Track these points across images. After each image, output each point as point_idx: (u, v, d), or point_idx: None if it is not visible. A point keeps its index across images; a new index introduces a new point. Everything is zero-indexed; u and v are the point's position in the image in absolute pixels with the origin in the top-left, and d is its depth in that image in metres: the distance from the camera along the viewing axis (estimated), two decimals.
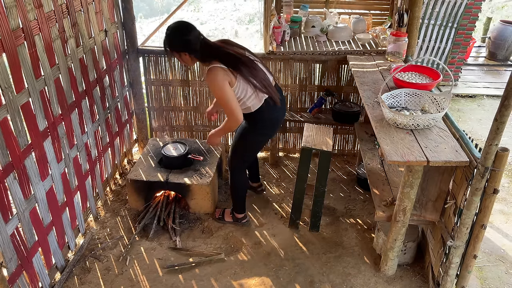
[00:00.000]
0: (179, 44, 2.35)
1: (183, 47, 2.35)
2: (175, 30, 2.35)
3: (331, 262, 2.70)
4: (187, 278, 2.58)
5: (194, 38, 2.33)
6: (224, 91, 2.29)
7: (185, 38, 2.32)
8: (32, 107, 2.17)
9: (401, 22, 3.16)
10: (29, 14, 2.08)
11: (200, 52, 2.36)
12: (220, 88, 2.29)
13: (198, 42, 2.34)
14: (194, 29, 2.35)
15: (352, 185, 3.50)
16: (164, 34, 2.42)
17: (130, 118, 3.63)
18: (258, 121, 2.54)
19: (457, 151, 2.09)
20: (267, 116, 2.53)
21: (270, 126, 2.60)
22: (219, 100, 2.35)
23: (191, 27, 2.35)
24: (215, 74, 2.29)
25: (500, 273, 2.66)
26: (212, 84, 2.31)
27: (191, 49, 2.34)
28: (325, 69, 3.56)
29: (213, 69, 2.30)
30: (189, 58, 2.40)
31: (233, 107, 2.33)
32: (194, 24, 2.40)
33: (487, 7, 10.41)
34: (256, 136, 2.64)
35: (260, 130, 2.59)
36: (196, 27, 2.38)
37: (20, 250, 2.15)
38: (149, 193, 3.08)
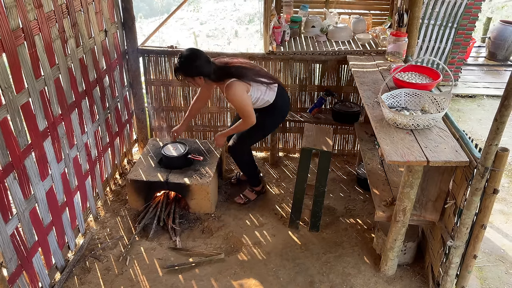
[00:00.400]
0: (195, 70, 2.61)
1: (199, 73, 2.61)
2: (190, 58, 2.60)
3: (331, 262, 2.70)
4: (187, 278, 2.58)
5: (206, 63, 2.62)
6: (245, 102, 2.64)
7: (200, 64, 2.60)
8: (32, 107, 2.17)
9: (401, 22, 3.16)
10: (29, 14, 2.08)
11: (213, 74, 2.64)
12: (241, 100, 2.63)
13: (210, 66, 2.62)
14: (204, 55, 2.64)
15: (352, 185, 3.50)
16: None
17: (130, 118, 3.63)
18: (276, 107, 2.88)
19: (457, 151, 2.09)
20: (281, 101, 2.90)
21: (285, 109, 2.99)
22: (240, 108, 2.67)
23: (202, 53, 2.64)
24: (235, 89, 2.60)
25: (500, 273, 2.67)
26: (233, 97, 2.62)
27: (205, 73, 2.62)
28: (325, 69, 3.56)
29: (232, 85, 2.61)
30: (202, 81, 2.67)
31: (250, 112, 2.68)
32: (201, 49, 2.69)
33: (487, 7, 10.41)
34: (275, 120, 3.00)
35: (279, 114, 2.96)
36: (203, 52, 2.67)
37: (20, 250, 2.15)
38: (149, 193, 3.08)
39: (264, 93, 2.78)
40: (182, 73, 2.63)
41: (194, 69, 2.60)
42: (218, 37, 11.52)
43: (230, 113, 3.77)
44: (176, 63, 2.64)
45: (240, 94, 2.61)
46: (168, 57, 3.53)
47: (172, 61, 3.55)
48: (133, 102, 3.65)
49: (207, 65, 2.61)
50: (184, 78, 2.65)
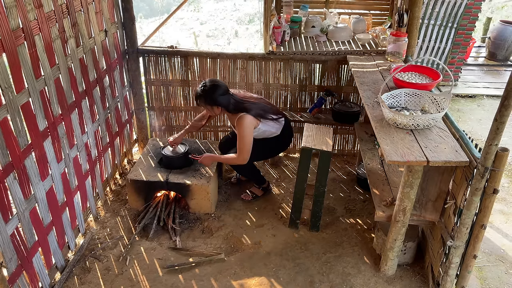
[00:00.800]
0: (215, 100, 2.77)
1: (218, 103, 2.78)
2: (212, 88, 2.76)
3: (331, 262, 2.70)
4: (187, 278, 2.58)
5: (226, 95, 2.79)
6: (249, 136, 2.80)
7: (220, 95, 2.77)
8: (32, 107, 2.17)
9: (401, 22, 3.16)
10: (29, 14, 2.08)
11: (230, 106, 2.81)
12: (247, 133, 2.79)
13: (228, 98, 2.80)
14: (225, 87, 2.81)
15: (352, 185, 3.50)
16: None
17: (130, 118, 3.63)
18: (281, 138, 3.07)
19: (457, 151, 2.09)
20: (286, 133, 3.11)
21: (288, 140, 3.18)
22: (241, 141, 2.80)
23: (223, 85, 2.82)
24: (245, 122, 2.79)
25: (500, 273, 2.67)
26: (242, 128, 2.78)
27: (224, 104, 2.79)
28: (325, 69, 3.56)
29: (244, 117, 2.79)
30: (219, 110, 2.84)
31: (248, 149, 2.82)
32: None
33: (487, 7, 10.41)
34: (278, 148, 3.19)
35: (283, 143, 3.15)
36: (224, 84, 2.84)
37: (20, 250, 2.15)
38: (149, 193, 3.08)
39: (271, 126, 2.97)
40: (203, 101, 2.79)
41: (214, 99, 2.77)
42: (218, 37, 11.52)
43: None
44: (198, 91, 2.79)
45: (248, 130, 2.80)
46: (168, 57, 3.53)
47: (172, 61, 3.55)
48: (133, 102, 3.65)
49: (226, 97, 2.79)
50: (204, 106, 2.83)
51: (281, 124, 3.03)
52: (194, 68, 3.57)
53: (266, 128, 2.94)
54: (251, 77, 3.61)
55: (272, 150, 3.18)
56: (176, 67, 3.57)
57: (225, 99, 2.78)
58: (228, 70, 3.58)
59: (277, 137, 3.04)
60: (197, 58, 3.53)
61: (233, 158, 2.91)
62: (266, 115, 2.90)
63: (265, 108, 2.93)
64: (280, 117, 3.01)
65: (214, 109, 2.83)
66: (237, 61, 3.55)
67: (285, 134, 3.09)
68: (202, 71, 3.58)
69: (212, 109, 2.84)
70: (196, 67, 3.57)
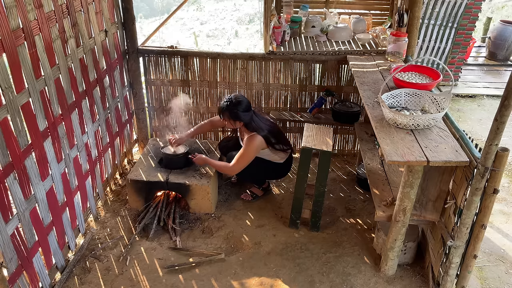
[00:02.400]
0: (240, 117, 2.88)
1: (242, 119, 2.89)
2: (239, 104, 2.86)
3: (331, 262, 2.70)
4: (187, 278, 2.58)
5: (250, 113, 2.91)
6: (252, 155, 2.91)
7: (246, 112, 2.88)
8: (32, 107, 2.17)
9: (401, 22, 3.16)
10: (29, 14, 2.08)
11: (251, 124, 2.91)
12: (251, 153, 2.90)
13: (250, 115, 2.91)
14: (248, 103, 2.92)
15: (352, 185, 3.50)
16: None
17: (130, 118, 3.63)
18: (282, 167, 3.15)
19: (457, 151, 2.09)
20: (288, 164, 3.19)
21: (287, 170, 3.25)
22: (243, 156, 2.90)
23: (248, 102, 2.93)
24: (256, 142, 2.89)
25: (500, 273, 2.67)
26: (249, 146, 2.88)
27: (246, 121, 2.90)
28: (325, 69, 3.56)
29: (255, 137, 2.89)
30: (239, 125, 2.94)
31: (242, 166, 2.91)
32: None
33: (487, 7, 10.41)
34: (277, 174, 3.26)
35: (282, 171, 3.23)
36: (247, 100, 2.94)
37: (20, 250, 2.15)
38: (149, 193, 3.08)
39: (278, 155, 3.07)
40: (227, 115, 2.89)
41: (238, 115, 2.87)
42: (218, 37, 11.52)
43: None
44: (224, 105, 2.88)
45: (254, 150, 2.90)
46: (168, 57, 3.53)
47: (172, 61, 3.55)
48: (133, 102, 3.66)
49: (249, 113, 2.90)
50: (227, 119, 2.92)
51: (287, 154, 3.12)
52: (194, 68, 3.57)
53: (273, 155, 3.04)
54: (251, 77, 3.61)
55: (268, 173, 3.22)
56: (176, 67, 3.57)
57: (248, 116, 2.90)
58: (228, 70, 3.58)
59: (279, 165, 3.12)
60: (197, 58, 3.54)
61: (224, 166, 3.00)
62: (277, 145, 3.00)
63: (279, 136, 3.05)
64: (288, 149, 3.11)
65: (236, 123, 2.94)
66: (237, 61, 3.55)
67: (286, 165, 3.17)
68: (202, 71, 3.58)
69: (234, 123, 2.95)
70: (196, 67, 3.57)
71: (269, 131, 2.96)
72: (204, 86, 3.62)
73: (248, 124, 2.92)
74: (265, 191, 3.34)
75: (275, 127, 3.10)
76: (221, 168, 3.04)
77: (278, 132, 3.07)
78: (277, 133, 3.05)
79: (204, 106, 3.73)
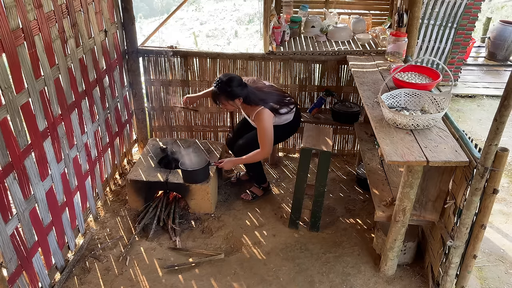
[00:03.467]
0: (236, 93, 2.76)
1: (239, 95, 2.77)
2: (231, 81, 2.75)
3: (331, 262, 2.70)
4: (187, 278, 2.58)
5: (243, 86, 2.79)
6: (270, 129, 2.81)
7: (240, 87, 2.77)
8: (32, 107, 2.17)
9: (401, 22, 3.16)
10: (29, 14, 2.08)
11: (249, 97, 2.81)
12: (268, 127, 2.80)
13: (246, 88, 2.80)
14: (239, 78, 2.81)
15: (352, 185, 3.50)
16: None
17: (130, 118, 3.63)
18: (292, 124, 3.08)
19: (457, 151, 2.09)
20: (296, 118, 3.11)
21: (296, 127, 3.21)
22: (263, 134, 2.81)
23: (239, 77, 2.83)
24: (265, 116, 2.80)
25: (500, 273, 2.67)
26: (262, 122, 2.79)
27: (243, 95, 2.78)
28: (325, 69, 3.56)
29: (263, 112, 2.80)
30: (239, 103, 2.83)
31: (270, 142, 2.82)
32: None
33: (486, 7, 10.41)
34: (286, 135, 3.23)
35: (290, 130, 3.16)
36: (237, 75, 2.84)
37: (20, 250, 2.15)
38: (149, 193, 3.08)
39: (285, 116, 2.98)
40: (223, 97, 2.79)
41: (234, 92, 2.76)
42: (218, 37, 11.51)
43: (230, 113, 3.77)
44: (215, 89, 2.78)
45: (268, 123, 2.81)
46: (168, 57, 3.53)
47: (172, 61, 3.55)
48: (133, 102, 3.65)
49: (244, 87, 2.79)
50: (225, 101, 2.81)
51: (294, 111, 3.05)
52: (194, 68, 3.57)
53: (281, 119, 2.96)
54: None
55: (284, 134, 3.17)
56: (176, 67, 3.57)
57: (244, 90, 2.79)
58: (228, 70, 3.58)
59: (289, 123, 3.06)
60: (197, 58, 3.53)
61: (257, 153, 2.87)
62: (281, 109, 2.91)
63: (279, 100, 2.94)
64: (293, 107, 3.01)
65: (235, 103, 2.82)
66: (237, 61, 3.55)
67: (296, 119, 3.11)
68: (202, 71, 3.58)
69: (233, 103, 2.83)
70: (196, 67, 3.57)
71: (271, 99, 2.88)
72: (204, 86, 3.62)
73: (247, 99, 2.82)
74: (265, 191, 3.33)
75: (275, 92, 3.00)
76: (254, 158, 2.90)
77: (279, 96, 2.97)
78: (278, 97, 2.95)
79: (204, 106, 3.72)
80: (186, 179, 3.00)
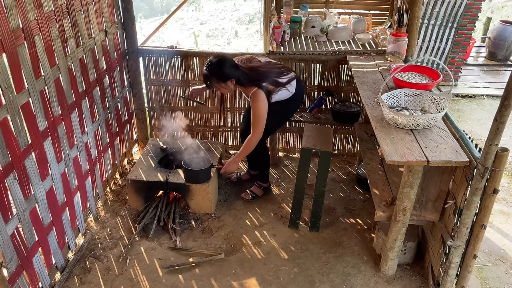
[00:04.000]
0: (227, 74, 2.67)
1: (231, 76, 2.68)
2: (220, 63, 2.66)
3: (331, 262, 2.70)
4: (187, 278, 2.58)
5: (235, 67, 2.70)
6: (263, 113, 2.73)
7: (230, 67, 2.68)
8: (32, 107, 2.17)
9: (401, 22, 3.16)
10: (29, 14, 2.08)
11: (242, 77, 2.71)
12: (261, 110, 2.72)
13: (238, 69, 2.71)
14: (231, 59, 2.73)
15: (352, 185, 3.50)
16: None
17: (130, 118, 3.63)
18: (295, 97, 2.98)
19: (457, 151, 2.09)
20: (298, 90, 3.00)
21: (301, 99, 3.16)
22: (255, 117, 2.74)
23: (229, 58, 2.73)
24: (260, 96, 2.72)
25: (500, 273, 2.67)
26: (257, 104, 2.72)
27: (236, 76, 2.69)
28: (325, 69, 3.56)
29: (257, 92, 2.72)
30: (232, 85, 2.73)
31: (262, 125, 2.75)
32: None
33: (487, 7, 10.41)
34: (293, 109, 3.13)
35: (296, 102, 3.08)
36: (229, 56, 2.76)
37: (20, 250, 2.15)
38: (149, 193, 3.08)
39: (285, 89, 2.88)
40: (214, 79, 2.68)
41: (225, 73, 2.66)
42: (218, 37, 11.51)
43: (230, 113, 3.78)
44: (206, 71, 2.67)
45: (263, 105, 2.72)
46: (168, 57, 3.53)
47: (172, 61, 3.55)
48: (133, 102, 3.66)
49: (236, 68, 2.70)
50: (217, 84, 2.71)
51: (294, 85, 2.93)
52: (194, 68, 3.57)
53: (280, 95, 2.86)
54: None
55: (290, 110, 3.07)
56: (176, 67, 3.57)
57: (235, 71, 2.68)
58: None
59: (292, 96, 2.95)
60: (197, 58, 3.53)
61: (249, 140, 2.79)
62: (278, 87, 2.80)
63: (276, 76, 2.83)
64: (291, 80, 2.89)
65: (228, 85, 2.71)
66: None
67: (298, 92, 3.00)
68: (201, 71, 3.57)
69: (226, 86, 2.72)
70: (196, 67, 3.57)
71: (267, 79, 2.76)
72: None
73: (241, 80, 2.71)
74: (265, 191, 3.33)
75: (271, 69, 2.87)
76: (248, 145, 2.81)
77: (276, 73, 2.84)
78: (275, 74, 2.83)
79: (204, 106, 3.73)
80: (188, 179, 3.00)
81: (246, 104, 3.70)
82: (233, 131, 3.88)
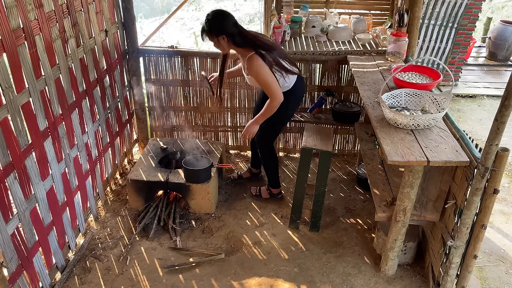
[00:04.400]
0: (218, 28, 2.54)
1: (222, 30, 2.54)
2: (218, 16, 2.55)
3: (332, 262, 2.70)
4: (187, 278, 2.58)
5: (232, 23, 2.55)
6: (269, 75, 2.58)
7: (225, 22, 2.54)
8: (33, 107, 2.17)
9: (401, 22, 3.16)
10: (30, 14, 2.08)
11: (238, 37, 2.56)
12: (264, 72, 2.57)
13: (236, 28, 2.56)
14: (232, 17, 2.58)
15: (352, 185, 3.50)
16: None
17: (130, 118, 3.63)
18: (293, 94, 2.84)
19: (457, 151, 2.09)
20: (299, 90, 2.90)
21: (300, 98, 3.04)
22: (264, 83, 2.60)
23: (230, 15, 2.58)
24: (258, 60, 2.56)
25: (500, 273, 2.67)
26: (256, 69, 2.56)
27: (228, 32, 2.54)
28: (325, 69, 3.56)
29: (254, 57, 2.56)
30: (226, 43, 2.58)
31: (277, 87, 2.62)
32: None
33: (487, 7, 10.40)
34: (291, 109, 2.98)
35: (294, 102, 2.95)
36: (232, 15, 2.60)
37: (21, 250, 2.15)
38: (149, 193, 3.08)
39: (285, 76, 2.71)
40: (208, 32, 2.57)
41: (219, 27, 2.53)
42: None
43: (230, 113, 3.78)
44: (204, 23, 2.57)
45: (264, 68, 2.56)
46: (168, 57, 3.53)
47: (172, 61, 3.55)
48: (133, 102, 3.66)
49: (233, 26, 2.54)
50: (210, 37, 2.58)
51: (292, 79, 2.79)
52: (194, 68, 3.57)
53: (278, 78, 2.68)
54: None
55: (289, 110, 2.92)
56: (176, 67, 3.57)
57: (229, 27, 2.53)
58: None
59: (290, 92, 2.80)
60: (197, 58, 3.53)
61: (270, 104, 2.65)
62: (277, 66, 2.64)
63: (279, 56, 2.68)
64: (293, 72, 2.75)
65: (220, 42, 2.56)
66: (238, 61, 3.54)
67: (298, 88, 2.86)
68: (202, 71, 3.57)
69: (218, 43, 2.58)
70: (196, 67, 3.57)
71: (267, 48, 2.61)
72: (204, 86, 3.62)
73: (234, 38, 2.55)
74: (272, 196, 3.27)
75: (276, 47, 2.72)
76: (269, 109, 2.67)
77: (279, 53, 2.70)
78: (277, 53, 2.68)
79: (204, 106, 3.73)
80: (188, 179, 3.00)
81: (246, 104, 3.71)
82: (233, 131, 3.88)
